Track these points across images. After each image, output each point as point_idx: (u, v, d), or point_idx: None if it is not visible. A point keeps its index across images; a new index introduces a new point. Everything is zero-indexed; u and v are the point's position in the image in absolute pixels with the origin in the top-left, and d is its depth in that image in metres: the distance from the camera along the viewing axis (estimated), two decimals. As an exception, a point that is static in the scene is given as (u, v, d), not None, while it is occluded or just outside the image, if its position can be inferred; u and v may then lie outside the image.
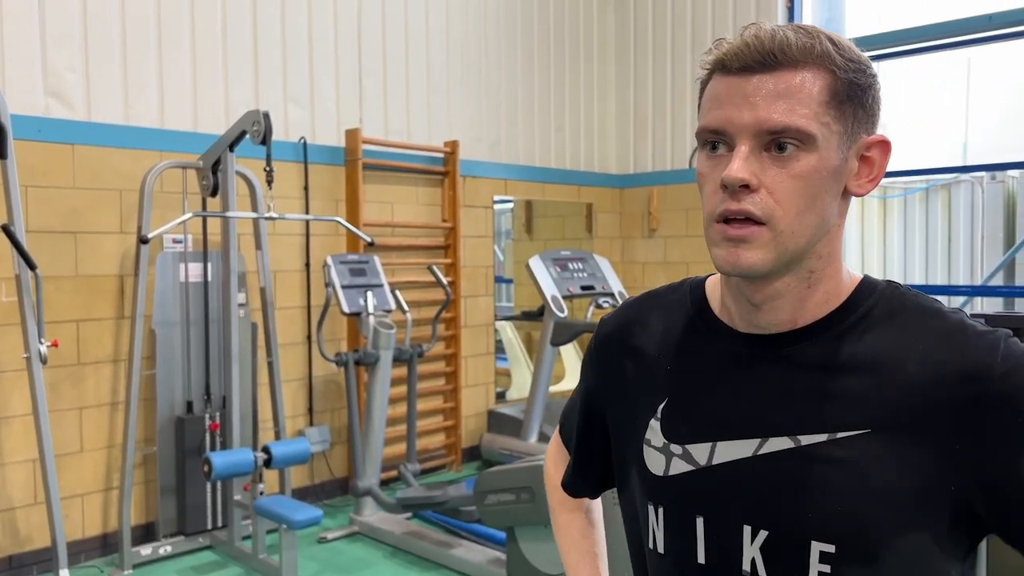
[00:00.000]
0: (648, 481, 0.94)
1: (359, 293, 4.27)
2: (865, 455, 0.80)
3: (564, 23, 6.19)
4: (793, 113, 0.78)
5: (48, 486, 3.29)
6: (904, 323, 0.84)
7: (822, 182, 0.80)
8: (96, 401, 3.88)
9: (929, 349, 0.81)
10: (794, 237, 0.80)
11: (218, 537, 4.05)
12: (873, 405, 0.81)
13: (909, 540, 0.80)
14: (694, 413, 0.91)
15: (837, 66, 0.79)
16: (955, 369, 0.79)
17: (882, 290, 0.87)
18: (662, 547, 0.93)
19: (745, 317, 0.88)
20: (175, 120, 4.14)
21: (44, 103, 3.71)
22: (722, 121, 0.80)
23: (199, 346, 4.15)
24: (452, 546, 3.83)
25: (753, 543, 0.85)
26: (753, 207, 0.79)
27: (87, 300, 3.84)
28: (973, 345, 0.80)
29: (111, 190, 3.91)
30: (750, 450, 0.85)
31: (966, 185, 6.50)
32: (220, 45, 4.30)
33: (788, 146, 0.78)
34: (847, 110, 0.80)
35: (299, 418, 4.68)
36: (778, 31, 0.79)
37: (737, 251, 0.80)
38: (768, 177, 0.79)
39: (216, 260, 4.15)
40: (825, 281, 0.86)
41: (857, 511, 0.80)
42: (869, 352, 0.83)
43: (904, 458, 0.79)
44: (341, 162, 4.82)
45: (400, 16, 5.12)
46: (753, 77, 0.79)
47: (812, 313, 0.86)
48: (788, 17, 5.79)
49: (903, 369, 0.81)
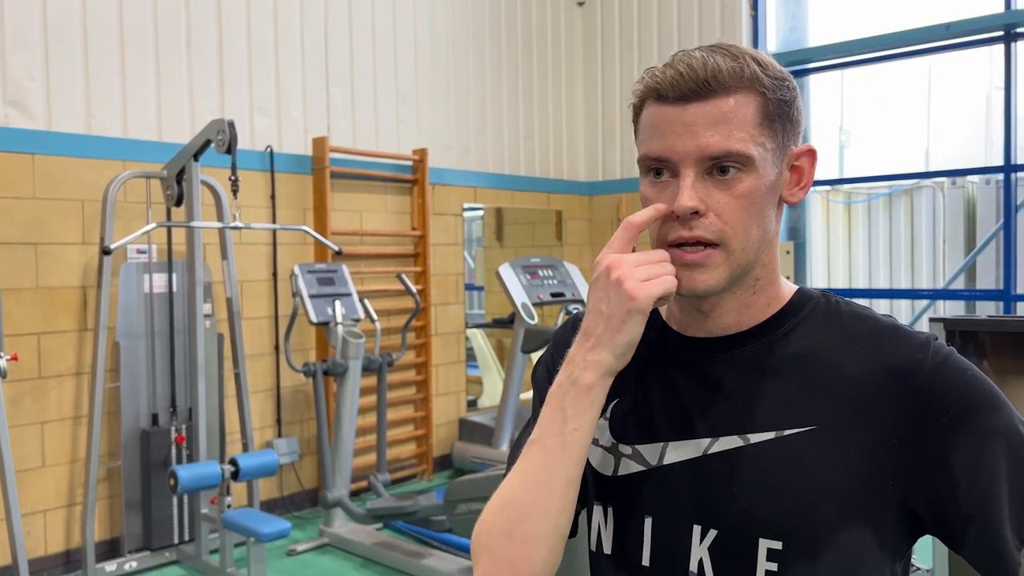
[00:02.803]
0: (594, 479, 0.95)
1: (327, 302, 4.24)
2: (811, 452, 0.83)
3: (532, 31, 6.22)
4: (731, 138, 0.81)
5: (8, 503, 3.22)
6: (841, 327, 0.88)
7: (763, 198, 0.84)
8: (58, 415, 3.81)
9: (865, 350, 0.85)
10: (745, 253, 0.85)
11: (185, 552, 3.99)
12: (816, 404, 0.84)
13: (853, 535, 0.82)
14: (644, 414, 0.93)
15: (765, 87, 0.84)
16: (889, 367, 0.83)
17: (818, 298, 0.92)
18: (608, 548, 0.94)
19: (693, 323, 0.92)
20: (138, 129, 4.09)
21: (3, 112, 3.64)
22: (665, 150, 0.84)
23: (164, 358, 4.09)
24: (423, 556, 3.81)
25: (702, 543, 0.86)
26: (705, 231, 0.83)
27: (49, 312, 3.77)
28: (905, 346, 0.84)
29: (73, 200, 3.84)
30: (700, 450, 0.87)
31: (928, 190, 6.62)
32: (184, 53, 4.26)
33: (730, 169, 0.82)
34: (777, 127, 0.85)
35: (267, 429, 4.63)
36: (708, 58, 0.83)
37: (694, 275, 0.84)
38: (714, 200, 0.83)
39: (181, 270, 4.10)
40: (768, 287, 0.90)
41: (804, 507, 0.82)
42: (811, 354, 0.87)
43: (847, 454, 0.82)
44: (308, 171, 4.79)
45: (367, 24, 5.11)
46: (690, 106, 0.82)
47: (756, 316, 0.90)
48: (752, 27, 5.87)
49: (842, 370, 0.85)
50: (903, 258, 6.76)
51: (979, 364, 2.44)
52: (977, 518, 0.80)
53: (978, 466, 0.80)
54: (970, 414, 0.81)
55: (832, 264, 6.96)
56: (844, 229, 7.01)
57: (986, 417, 0.81)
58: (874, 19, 5.82)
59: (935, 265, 6.58)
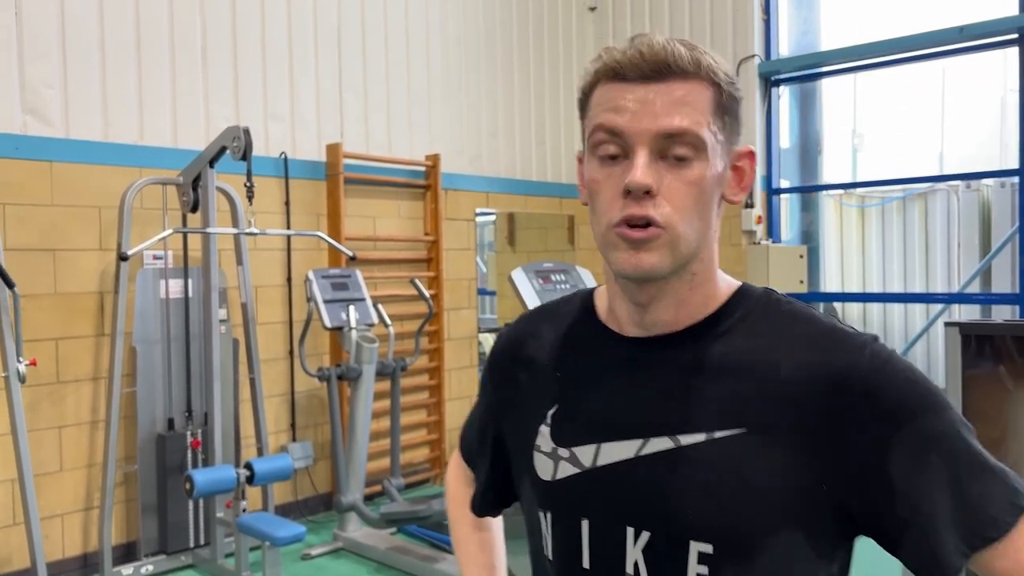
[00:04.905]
0: (538, 487, 0.95)
1: (341, 307, 4.27)
2: (741, 455, 0.82)
3: (544, 36, 6.23)
4: (688, 119, 0.81)
5: (27, 506, 3.26)
6: (778, 328, 0.87)
7: (710, 188, 0.84)
8: (76, 419, 3.85)
9: (801, 352, 0.84)
10: (687, 241, 0.84)
11: (201, 555, 4.01)
12: (749, 406, 0.83)
13: (783, 539, 0.82)
14: (581, 416, 0.93)
15: (720, 80, 0.84)
16: (824, 371, 0.82)
17: (759, 296, 0.91)
18: (551, 552, 0.94)
19: (631, 319, 0.91)
20: (155, 136, 4.13)
21: (21, 120, 3.69)
22: (621, 127, 0.82)
23: (180, 363, 4.12)
24: (437, 560, 3.82)
25: (636, 545, 0.86)
26: (654, 212, 0.82)
27: (66, 318, 3.81)
28: (842, 348, 0.83)
29: (90, 207, 3.88)
30: (632, 451, 0.87)
31: (942, 194, 6.58)
32: (200, 61, 4.30)
33: (683, 155, 0.82)
34: (727, 121, 0.85)
35: (281, 434, 4.65)
36: (668, 43, 0.83)
37: (639, 254, 0.83)
38: (665, 184, 0.82)
39: (197, 276, 4.13)
40: (705, 284, 0.89)
41: (734, 511, 0.82)
42: (746, 355, 0.86)
43: (779, 458, 0.81)
44: (322, 176, 4.82)
45: (380, 31, 5.14)
46: (651, 85, 0.82)
47: (692, 315, 0.89)
48: (765, 30, 5.86)
49: (777, 372, 0.83)
50: (917, 262, 6.72)
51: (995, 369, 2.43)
52: (914, 523, 0.79)
53: (916, 470, 0.79)
54: (908, 417, 0.80)
55: (845, 268, 6.93)
56: (857, 233, 6.98)
57: (925, 420, 0.80)
58: (887, 22, 5.80)
59: (950, 269, 6.54)
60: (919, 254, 6.72)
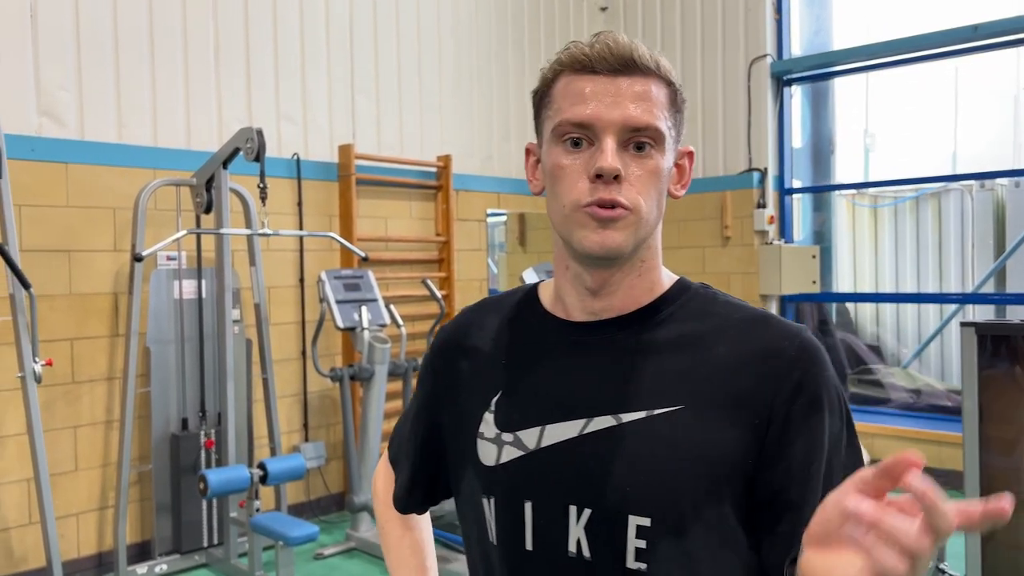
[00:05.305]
0: (481, 474, 0.96)
1: (353, 308, 4.28)
2: (678, 430, 0.86)
3: (555, 36, 6.23)
4: (650, 114, 0.87)
5: (43, 506, 3.28)
6: (716, 314, 0.93)
7: (664, 178, 0.90)
8: (91, 419, 3.87)
9: (736, 335, 0.90)
10: (647, 226, 0.89)
11: (214, 555, 4.03)
12: (687, 384, 0.88)
13: (719, 511, 0.85)
14: (526, 400, 0.95)
15: (673, 80, 0.91)
16: (756, 351, 0.88)
17: (697, 288, 0.97)
18: (495, 537, 0.96)
19: (579, 305, 0.95)
20: (168, 138, 4.15)
21: (37, 122, 3.72)
22: (590, 117, 0.87)
23: (194, 363, 4.14)
24: (449, 560, 3.82)
25: (578, 523, 0.88)
26: (621, 196, 0.86)
27: (81, 318, 3.84)
28: (773, 333, 0.89)
29: (105, 208, 3.91)
30: (576, 430, 0.89)
31: (956, 193, 6.55)
32: (213, 63, 4.32)
33: (646, 144, 0.87)
34: (678, 118, 0.92)
35: (294, 434, 4.67)
36: (631, 42, 0.88)
37: (606, 232, 0.87)
38: (629, 171, 0.87)
39: (210, 277, 4.16)
40: (651, 272, 0.95)
41: (670, 485, 0.84)
42: (685, 337, 0.91)
43: (714, 432, 0.85)
44: (334, 177, 4.84)
45: (392, 32, 5.16)
46: (618, 79, 0.87)
47: (638, 300, 0.94)
48: (776, 30, 5.84)
49: (713, 352, 0.89)
50: (931, 262, 6.69)
51: (1011, 369, 2.42)
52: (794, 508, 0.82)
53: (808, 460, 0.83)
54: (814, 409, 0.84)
55: (858, 268, 6.91)
56: (870, 233, 6.95)
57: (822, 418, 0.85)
58: (899, 21, 5.77)
59: (964, 269, 6.51)
60: (932, 254, 6.69)
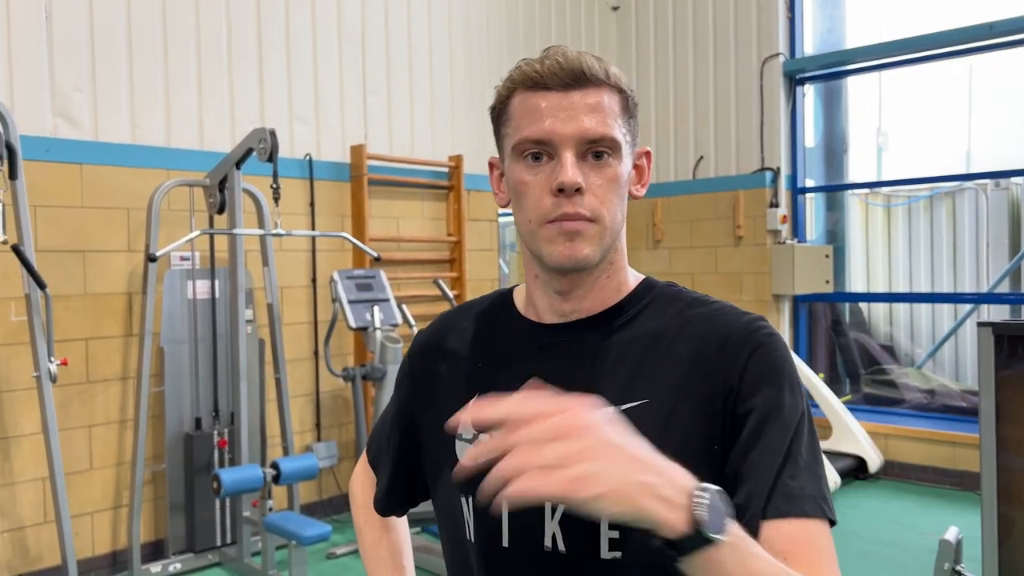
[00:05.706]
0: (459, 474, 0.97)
1: (366, 308, 4.29)
2: (644, 422, 0.86)
3: (566, 36, 6.23)
4: (605, 124, 0.90)
5: (58, 504, 3.30)
6: (678, 311, 0.96)
7: (624, 184, 0.94)
8: (105, 419, 3.89)
9: (695, 328, 0.93)
10: (612, 232, 0.93)
11: (227, 554, 4.05)
12: (651, 378, 0.92)
13: None
14: None
15: (624, 87, 0.93)
16: (713, 337, 0.91)
17: (663, 286, 1.00)
18: (472, 535, 0.97)
19: (550, 308, 0.98)
20: (182, 138, 4.17)
21: (52, 123, 3.74)
22: (548, 132, 0.89)
23: (207, 363, 4.16)
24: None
25: (553, 518, 0.91)
26: (584, 208, 0.89)
27: (96, 318, 3.86)
28: (730, 318, 0.93)
29: (119, 209, 3.93)
30: None
31: (970, 193, 6.51)
32: (225, 63, 4.34)
33: (603, 154, 0.90)
34: (632, 124, 0.94)
35: (307, 433, 4.68)
36: (580, 54, 0.91)
37: (574, 245, 0.90)
38: (590, 181, 0.90)
39: (223, 277, 4.17)
40: (618, 272, 0.98)
41: None
42: (649, 334, 0.94)
43: (678, 422, 0.89)
44: (346, 178, 4.85)
45: (403, 33, 5.16)
46: (570, 93, 0.90)
47: (606, 301, 0.97)
48: (789, 29, 5.82)
49: (674, 346, 0.93)
50: (945, 262, 6.65)
51: (1028, 369, 2.39)
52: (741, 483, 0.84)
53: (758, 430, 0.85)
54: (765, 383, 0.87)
55: (871, 268, 6.87)
56: (884, 232, 6.91)
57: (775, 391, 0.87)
58: (913, 19, 5.73)
59: (978, 269, 6.46)
60: (947, 254, 6.65)
